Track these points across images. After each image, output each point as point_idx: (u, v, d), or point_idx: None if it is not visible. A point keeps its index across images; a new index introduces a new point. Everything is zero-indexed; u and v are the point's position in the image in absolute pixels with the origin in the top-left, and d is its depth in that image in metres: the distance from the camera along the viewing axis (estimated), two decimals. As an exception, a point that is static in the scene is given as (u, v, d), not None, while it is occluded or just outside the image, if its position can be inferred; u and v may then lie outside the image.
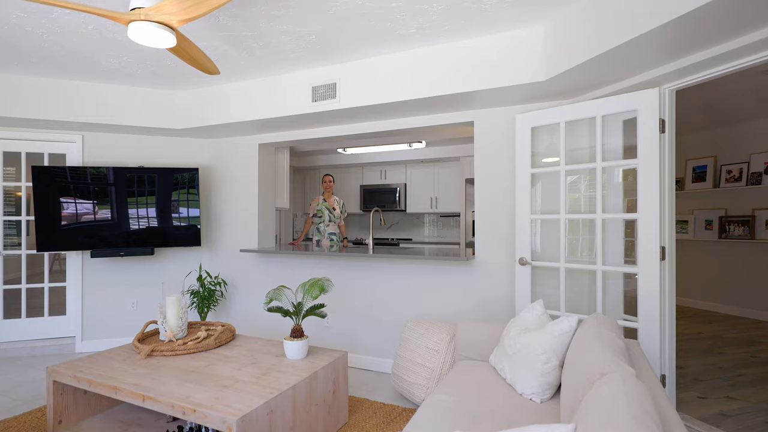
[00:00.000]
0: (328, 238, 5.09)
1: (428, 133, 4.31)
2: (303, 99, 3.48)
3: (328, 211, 5.10)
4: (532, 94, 3.00)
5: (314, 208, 5.15)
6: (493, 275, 3.32)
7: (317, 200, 5.17)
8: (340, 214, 5.19)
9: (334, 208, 5.15)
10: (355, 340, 3.80)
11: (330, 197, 5.19)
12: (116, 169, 4.06)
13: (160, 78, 3.65)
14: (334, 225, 5.14)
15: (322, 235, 5.09)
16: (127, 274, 4.32)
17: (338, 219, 5.18)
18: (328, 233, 5.09)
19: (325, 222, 5.09)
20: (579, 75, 2.61)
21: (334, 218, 5.14)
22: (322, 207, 5.10)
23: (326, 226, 5.09)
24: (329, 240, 5.09)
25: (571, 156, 2.94)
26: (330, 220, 5.11)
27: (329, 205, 5.13)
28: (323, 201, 5.14)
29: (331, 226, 5.11)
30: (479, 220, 3.38)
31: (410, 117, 3.61)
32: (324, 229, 5.09)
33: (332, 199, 5.19)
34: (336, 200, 5.22)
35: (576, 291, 2.98)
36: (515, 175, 3.14)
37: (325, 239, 5.09)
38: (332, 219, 5.12)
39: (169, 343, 2.80)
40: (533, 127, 3.07)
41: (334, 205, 5.16)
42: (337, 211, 5.16)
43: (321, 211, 5.09)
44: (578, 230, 3.02)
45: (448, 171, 6.25)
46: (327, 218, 5.09)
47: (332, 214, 5.12)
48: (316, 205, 5.15)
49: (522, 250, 3.08)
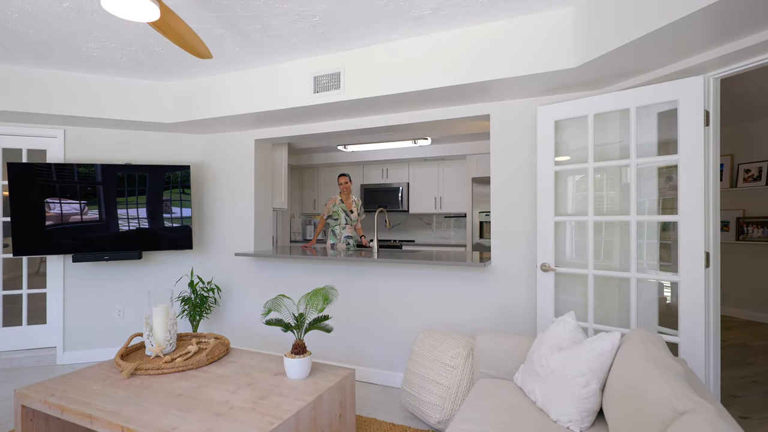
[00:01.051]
0: (344, 242, 4.74)
1: (438, 128, 4.04)
2: (304, 90, 3.19)
3: (344, 214, 4.74)
4: (557, 84, 2.73)
5: (330, 209, 4.79)
6: (510, 282, 3.05)
7: (334, 200, 4.80)
8: (357, 217, 4.82)
9: (351, 210, 4.78)
10: (359, 352, 3.52)
11: (348, 198, 4.82)
12: (105, 166, 3.76)
13: (147, 67, 3.35)
14: (351, 228, 4.78)
15: (337, 239, 4.75)
16: (113, 280, 4.01)
17: (355, 222, 4.82)
18: (345, 236, 4.74)
19: (341, 225, 4.74)
20: (614, 61, 2.35)
21: (351, 221, 4.77)
22: (339, 209, 4.74)
23: (342, 228, 4.74)
24: (345, 244, 4.73)
25: (599, 152, 2.68)
26: (347, 223, 4.76)
27: (347, 207, 4.77)
28: (340, 202, 4.77)
29: (347, 229, 4.76)
30: (495, 223, 3.11)
31: (420, 110, 3.33)
32: (340, 232, 4.74)
33: (350, 201, 4.82)
34: (354, 201, 4.85)
35: (604, 300, 2.72)
36: (536, 173, 2.87)
37: (341, 242, 4.74)
38: (349, 222, 4.76)
39: (155, 359, 2.50)
40: (557, 121, 2.81)
41: (351, 207, 4.79)
42: (355, 213, 4.80)
43: (337, 213, 4.74)
44: (606, 233, 2.75)
45: (454, 169, 5.98)
46: (343, 221, 4.74)
47: (349, 217, 4.76)
48: (332, 206, 4.79)
49: (544, 255, 2.82)
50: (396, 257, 3.29)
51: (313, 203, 6.91)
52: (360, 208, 4.89)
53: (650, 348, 1.79)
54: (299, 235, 6.98)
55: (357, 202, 4.87)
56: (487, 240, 5.38)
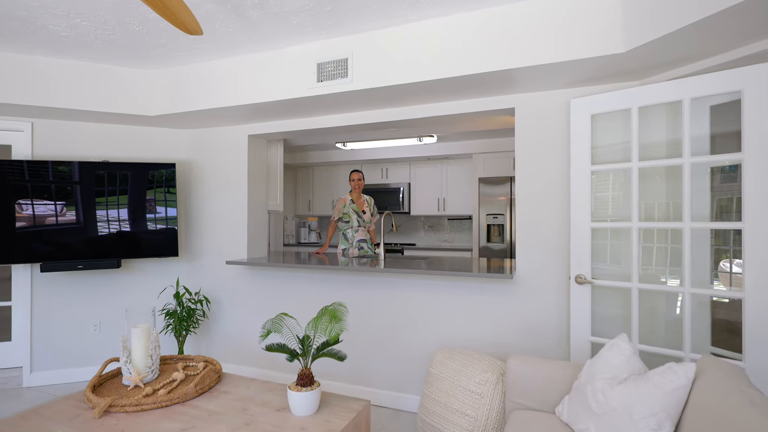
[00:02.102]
0: (356, 247, 4.27)
1: (452, 123, 3.72)
2: (306, 79, 2.83)
3: (356, 215, 4.28)
4: (595, 72, 2.42)
5: (340, 211, 4.31)
6: (538, 295, 2.73)
7: (343, 201, 4.34)
8: (370, 218, 4.37)
9: (363, 210, 4.32)
10: (365, 370, 3.17)
11: (359, 198, 4.36)
12: (83, 164, 3.35)
13: (125, 50, 2.95)
14: (364, 231, 4.31)
15: (350, 244, 4.28)
16: (89, 291, 3.59)
17: (368, 223, 4.36)
18: (357, 240, 4.27)
19: (353, 227, 4.28)
20: (670, 46, 2.04)
21: (364, 223, 4.31)
22: (350, 210, 4.27)
23: (355, 232, 4.28)
24: (358, 249, 4.27)
25: (642, 150, 2.37)
26: (359, 225, 4.30)
27: (358, 207, 4.32)
28: (351, 202, 4.31)
29: (360, 232, 4.28)
30: (521, 229, 2.79)
31: (436, 103, 2.99)
32: (353, 236, 4.27)
33: (361, 200, 4.36)
34: (366, 201, 4.39)
35: (647, 316, 2.42)
36: (569, 173, 2.56)
37: (354, 248, 4.27)
38: (361, 224, 4.31)
39: (134, 391, 2.12)
40: (593, 115, 2.50)
41: (363, 207, 4.34)
42: (368, 214, 4.34)
43: (348, 215, 4.27)
44: (649, 241, 2.45)
45: (459, 169, 5.66)
46: (355, 223, 4.28)
47: (361, 218, 4.30)
48: (342, 207, 4.31)
49: (579, 266, 2.50)
50: (407, 267, 2.95)
51: (307, 204, 6.53)
52: (373, 207, 4.44)
53: (740, 385, 1.48)
54: (293, 238, 6.60)
55: (369, 202, 4.43)
56: (495, 244, 5.07)
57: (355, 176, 4.33)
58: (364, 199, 4.39)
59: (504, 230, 5.02)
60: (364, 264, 3.12)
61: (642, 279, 2.36)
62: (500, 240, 5.05)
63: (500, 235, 5.05)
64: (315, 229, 6.57)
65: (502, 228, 5.03)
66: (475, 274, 2.66)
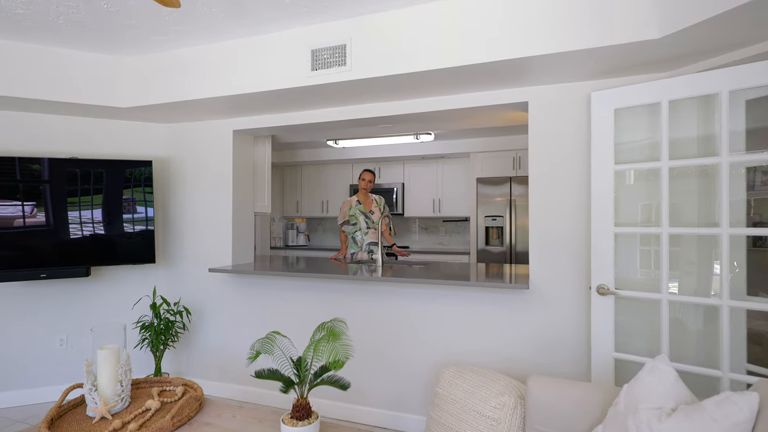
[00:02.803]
0: (366, 250, 3.99)
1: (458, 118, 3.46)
2: (299, 67, 2.55)
3: (363, 216, 4.01)
4: (619, 63, 2.20)
5: (345, 214, 4.05)
6: (553, 306, 2.51)
7: (348, 203, 4.07)
8: (380, 218, 4.07)
9: (371, 210, 4.05)
10: (363, 387, 2.91)
11: (366, 198, 4.09)
12: (53, 161, 3.01)
13: (93, 33, 2.62)
14: (375, 233, 4.03)
15: (359, 247, 4.01)
16: (54, 302, 3.24)
17: (377, 224, 4.07)
18: (367, 243, 3.99)
19: (362, 230, 4.01)
20: (714, 32, 1.83)
21: (373, 224, 4.04)
22: (356, 211, 4.01)
23: (364, 234, 4.00)
24: (368, 252, 3.99)
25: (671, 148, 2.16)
26: (368, 227, 4.02)
27: (365, 207, 4.05)
28: (357, 203, 4.04)
29: (370, 234, 4.00)
30: (535, 234, 2.56)
31: (441, 96, 2.74)
32: (362, 239, 4.00)
33: (369, 200, 4.09)
34: (375, 200, 4.11)
35: (676, 331, 2.21)
36: (590, 173, 2.33)
37: (363, 251, 3.99)
38: (370, 225, 4.03)
39: (99, 425, 1.82)
40: (617, 109, 2.28)
41: (371, 207, 4.06)
42: (376, 214, 4.05)
43: (354, 216, 4.01)
44: (679, 247, 2.25)
45: (455, 168, 5.43)
46: (363, 225, 4.01)
47: (370, 219, 4.03)
48: (347, 210, 4.04)
49: (601, 275, 2.28)
50: (408, 275, 2.70)
51: (295, 205, 6.22)
52: (384, 207, 4.15)
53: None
54: (280, 240, 6.28)
55: (379, 201, 4.13)
56: (494, 247, 4.85)
57: (368, 176, 4.06)
58: (373, 198, 4.10)
59: (503, 233, 4.81)
60: (372, 270, 2.86)
61: (675, 290, 2.14)
62: (499, 243, 4.83)
63: (499, 238, 4.83)
64: (303, 232, 6.27)
65: (502, 230, 4.82)
66: (486, 283, 2.42)
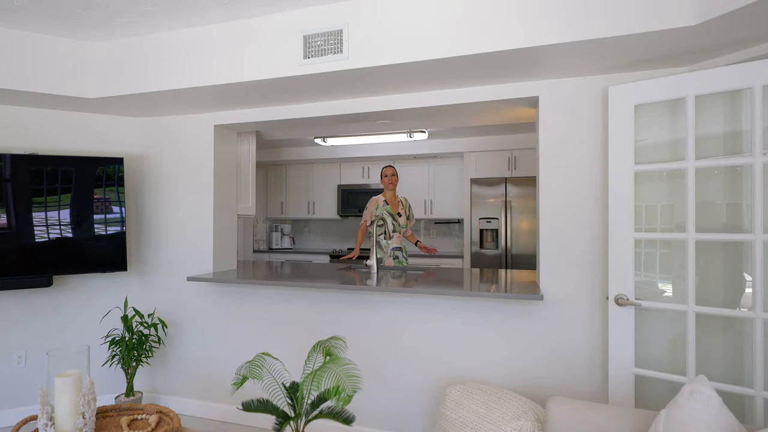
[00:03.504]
0: (391, 255, 3.70)
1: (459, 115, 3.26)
2: (289, 55, 2.30)
3: (391, 218, 3.70)
4: (642, 54, 2.03)
5: (372, 213, 3.73)
6: (567, 319, 2.32)
7: (376, 202, 3.75)
8: (406, 222, 3.79)
9: (398, 213, 3.75)
10: (358, 406, 2.67)
11: (393, 198, 3.78)
12: (15, 157, 2.68)
13: (57, 13, 2.32)
14: (400, 237, 3.74)
15: (384, 252, 3.71)
16: (9, 315, 2.90)
17: (404, 228, 3.78)
18: (392, 248, 3.70)
19: (387, 233, 3.71)
20: (754, 17, 1.66)
21: (399, 227, 3.74)
22: (383, 212, 3.69)
23: (389, 239, 3.71)
24: (393, 257, 3.70)
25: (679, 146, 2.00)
26: (394, 230, 3.72)
27: (392, 209, 3.73)
28: (384, 203, 3.72)
29: (395, 239, 3.72)
30: (545, 240, 2.37)
31: (445, 89, 2.53)
32: (387, 243, 3.70)
33: (396, 201, 3.79)
34: (401, 202, 3.81)
35: (701, 346, 2.05)
36: (608, 174, 2.15)
37: (388, 257, 3.70)
38: (396, 229, 3.73)
39: (55, 469, 1.54)
40: (637, 105, 2.10)
41: (398, 209, 3.76)
42: (403, 217, 3.77)
43: (383, 217, 3.66)
44: (704, 255, 2.09)
45: (448, 169, 5.24)
46: (390, 227, 3.66)
47: (397, 221, 3.73)
48: (374, 209, 3.72)
49: (620, 284, 2.10)
50: (407, 285, 2.48)
51: (280, 206, 5.93)
52: (409, 210, 3.88)
53: None
54: (264, 243, 5.98)
55: (405, 203, 3.84)
56: (489, 250, 4.68)
57: (388, 171, 3.75)
58: (400, 200, 3.80)
59: (498, 235, 4.64)
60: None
61: (702, 302, 1.98)
62: (494, 246, 4.66)
63: (494, 241, 4.66)
64: (288, 234, 5.98)
65: (497, 233, 4.65)
66: (496, 294, 2.22)
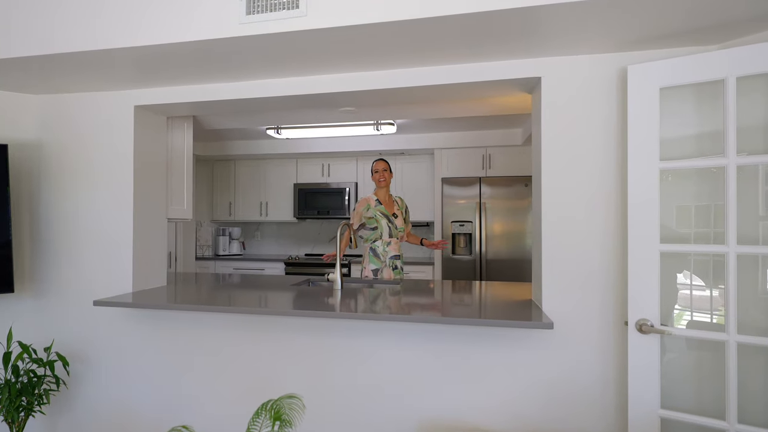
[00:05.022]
0: (390, 265, 3.10)
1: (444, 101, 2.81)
2: (228, 8, 1.74)
3: (386, 220, 3.10)
4: (667, 27, 1.65)
5: (361, 215, 3.14)
6: (576, 348, 1.92)
7: (365, 202, 3.14)
8: (403, 225, 3.19)
9: (394, 214, 3.15)
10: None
11: (388, 198, 3.18)
12: None
13: None
14: (397, 243, 3.14)
15: (381, 261, 3.09)
16: None
17: (401, 231, 3.18)
18: (391, 257, 3.10)
19: (383, 238, 3.10)
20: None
21: (396, 231, 3.12)
22: (376, 213, 3.11)
23: (386, 245, 3.11)
24: (392, 267, 3.10)
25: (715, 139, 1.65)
26: (391, 236, 3.13)
27: (387, 210, 3.13)
28: (376, 203, 3.12)
29: (393, 245, 3.11)
30: (547, 252, 1.96)
31: (426, 66, 2.06)
32: (384, 250, 3.10)
33: (391, 201, 3.19)
34: (397, 201, 3.22)
35: (742, 381, 1.70)
36: (627, 173, 1.76)
37: (387, 266, 3.09)
38: (393, 233, 3.11)
39: None
40: (663, 89, 1.73)
41: (394, 210, 3.16)
42: (400, 220, 3.16)
43: (374, 219, 3.11)
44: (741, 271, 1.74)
45: (417, 167, 4.80)
46: (386, 232, 3.10)
47: (393, 224, 3.12)
48: (363, 210, 3.14)
49: (642, 307, 1.72)
50: (379, 311, 1.99)
51: (228, 207, 5.26)
52: (406, 211, 3.29)
53: None
54: (209, 249, 5.28)
55: (401, 203, 3.26)
56: (462, 256, 4.28)
57: (380, 166, 3.15)
58: (395, 199, 3.23)
59: (473, 240, 4.25)
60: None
61: (745, 329, 1.62)
62: (467, 251, 4.27)
63: (468, 246, 4.27)
64: (238, 239, 5.32)
65: (470, 237, 4.26)
66: (493, 321, 1.77)
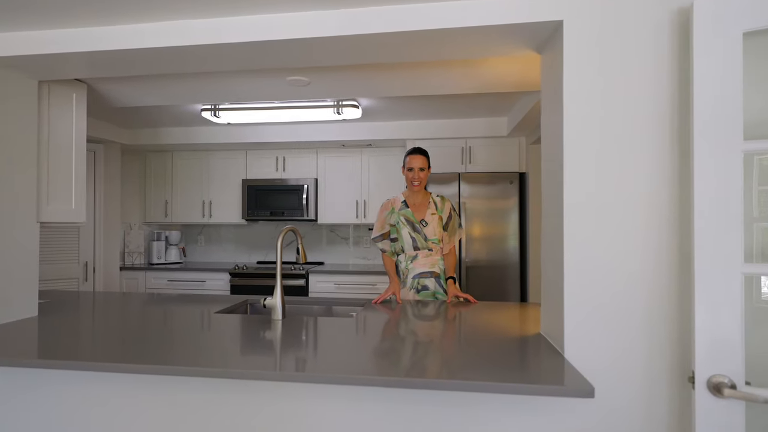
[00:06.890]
0: (412, 287, 2.37)
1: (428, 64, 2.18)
2: None
3: (409, 228, 2.37)
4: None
5: (384, 222, 2.44)
6: (611, 414, 1.33)
7: (388, 206, 2.46)
8: (441, 233, 2.38)
9: (423, 220, 2.36)
10: None
11: (418, 198, 2.40)
12: None
13: None
14: (429, 255, 2.37)
15: (404, 280, 2.40)
16: None
17: (436, 242, 2.38)
18: (415, 276, 2.37)
19: (406, 252, 2.39)
20: None
21: (425, 242, 2.36)
22: (399, 219, 2.39)
23: (409, 260, 2.38)
24: (414, 290, 2.37)
25: None
26: (417, 247, 2.37)
27: (414, 213, 2.37)
28: (402, 206, 2.40)
29: (420, 260, 2.36)
30: (570, 279, 1.37)
31: (397, 4, 1.43)
32: (406, 266, 2.39)
33: (424, 202, 2.41)
34: (434, 202, 2.40)
35: None
36: (692, 160, 1.19)
37: (409, 288, 2.38)
38: (420, 244, 2.36)
39: None
40: (747, 33, 1.17)
41: (425, 215, 2.37)
42: (432, 226, 2.36)
43: (395, 228, 2.40)
44: None
45: (386, 160, 4.18)
46: (408, 243, 2.37)
47: (420, 233, 2.35)
48: (386, 216, 2.44)
49: (717, 357, 1.15)
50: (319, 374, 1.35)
51: (164, 207, 4.46)
52: (451, 213, 2.43)
53: None
54: (141, 257, 4.46)
55: (441, 204, 2.45)
56: (438, 266, 3.68)
57: (416, 162, 2.34)
58: (432, 199, 2.42)
59: (450, 246, 3.66)
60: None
61: None
62: (444, 260, 3.68)
63: (444, 254, 3.68)
64: (176, 244, 4.53)
65: (448, 243, 3.67)
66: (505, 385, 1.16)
